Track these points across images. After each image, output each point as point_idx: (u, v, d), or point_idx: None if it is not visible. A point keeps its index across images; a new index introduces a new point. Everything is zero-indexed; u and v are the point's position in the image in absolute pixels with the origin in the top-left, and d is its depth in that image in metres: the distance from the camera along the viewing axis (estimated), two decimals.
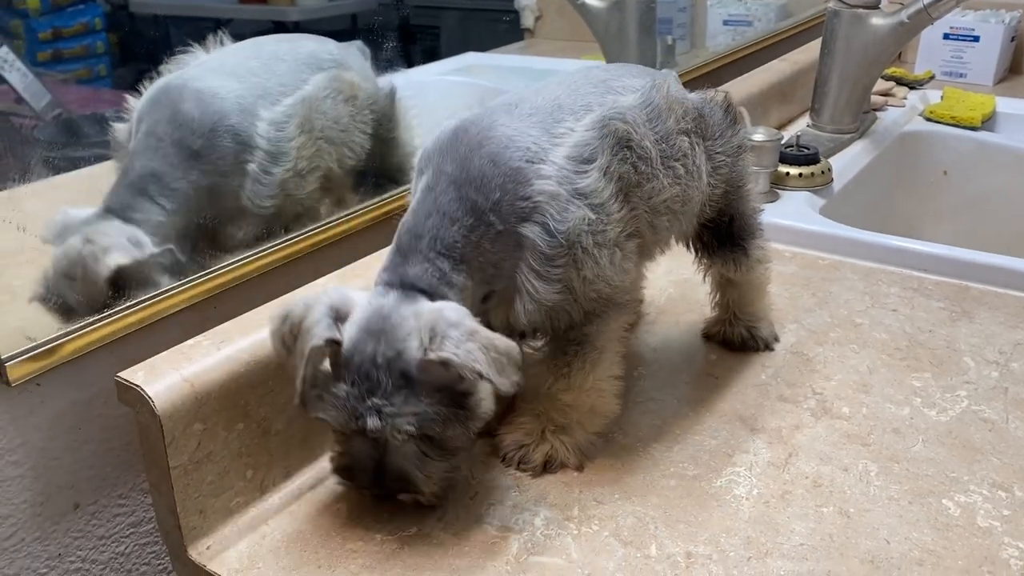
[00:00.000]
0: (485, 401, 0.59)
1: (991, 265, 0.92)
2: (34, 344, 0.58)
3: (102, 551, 0.65)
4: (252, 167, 0.69)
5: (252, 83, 0.70)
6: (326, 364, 0.57)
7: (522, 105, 0.63)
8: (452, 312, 0.56)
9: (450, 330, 0.55)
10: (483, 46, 1.33)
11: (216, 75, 0.70)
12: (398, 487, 0.60)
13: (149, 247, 0.64)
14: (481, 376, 0.54)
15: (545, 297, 0.61)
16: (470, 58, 1.27)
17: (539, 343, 0.67)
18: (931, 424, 0.71)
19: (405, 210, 0.62)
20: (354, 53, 0.81)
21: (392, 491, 0.61)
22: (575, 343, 0.65)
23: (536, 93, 0.65)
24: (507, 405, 0.71)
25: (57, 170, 0.63)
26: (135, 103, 0.68)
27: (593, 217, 0.60)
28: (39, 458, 0.60)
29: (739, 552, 0.59)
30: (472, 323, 0.56)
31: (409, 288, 0.57)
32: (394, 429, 0.55)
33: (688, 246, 0.79)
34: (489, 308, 0.63)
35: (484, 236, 0.59)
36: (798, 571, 0.57)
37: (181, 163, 0.66)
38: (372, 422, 0.55)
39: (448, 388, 0.57)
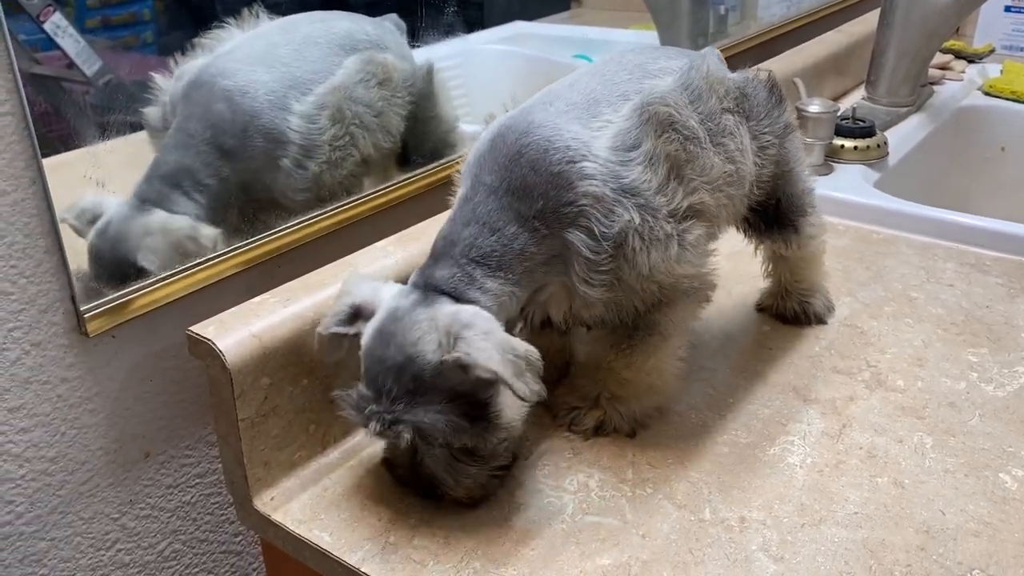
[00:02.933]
0: (507, 411, 0.57)
1: None
2: (111, 297, 0.60)
3: (169, 499, 0.67)
4: (285, 162, 0.69)
5: (282, 73, 0.69)
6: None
7: (557, 102, 0.61)
8: (467, 314, 0.55)
9: (464, 330, 0.53)
10: (530, 16, 1.32)
11: (246, 67, 0.69)
12: (430, 487, 0.60)
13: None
14: (496, 376, 0.53)
15: (596, 297, 0.60)
16: (518, 27, 1.27)
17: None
18: (988, 399, 0.71)
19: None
20: (390, 30, 0.79)
21: (426, 489, 0.61)
22: (642, 329, 0.64)
23: (570, 87, 0.63)
24: (564, 369, 0.72)
25: (108, 135, 0.64)
26: (165, 84, 0.67)
27: (639, 220, 0.58)
28: (113, 407, 0.63)
29: (792, 519, 0.59)
30: (489, 324, 0.55)
31: (432, 290, 0.56)
32: (395, 436, 0.55)
33: (737, 227, 0.77)
34: (543, 300, 0.62)
35: (529, 242, 0.57)
36: (852, 539, 0.57)
37: (214, 161, 0.66)
38: (372, 427, 0.54)
39: (467, 395, 0.55)
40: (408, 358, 0.54)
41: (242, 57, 0.69)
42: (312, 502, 0.63)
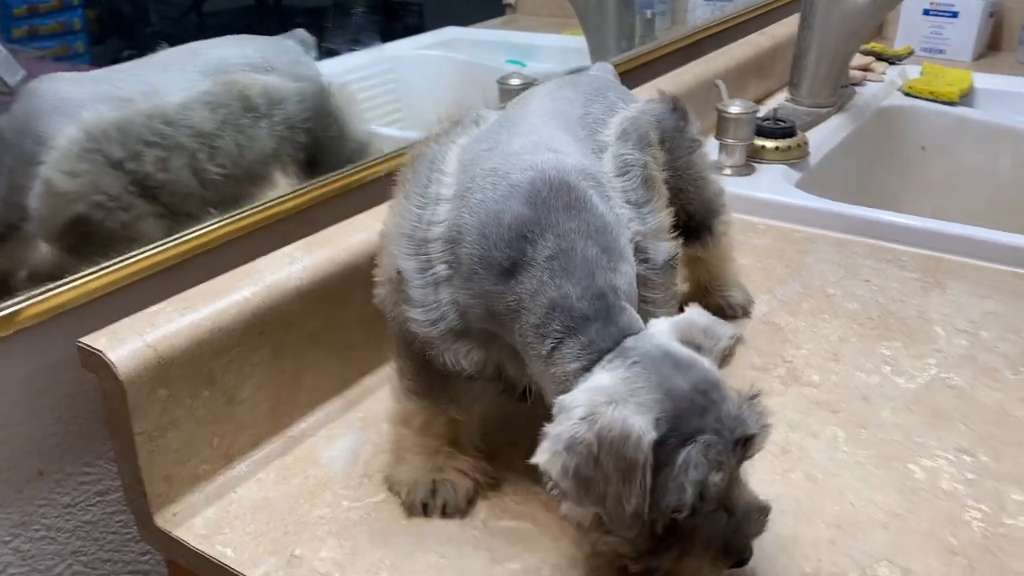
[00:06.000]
0: None
1: (963, 236, 0.92)
2: None
3: (67, 519, 0.64)
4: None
5: (101, 90, 0.65)
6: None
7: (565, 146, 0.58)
8: None
9: None
10: (465, 21, 1.31)
11: (68, 84, 0.65)
12: None
13: None
14: None
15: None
16: (450, 32, 1.26)
17: None
18: (900, 392, 0.72)
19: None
20: (286, 49, 0.76)
21: None
22: None
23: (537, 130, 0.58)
24: None
25: None
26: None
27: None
28: (3, 424, 0.60)
29: None
30: None
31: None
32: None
33: None
34: None
35: (631, 271, 0.55)
36: (763, 535, 0.57)
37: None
38: None
39: None
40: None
41: (81, 77, 0.67)
42: (217, 517, 0.61)
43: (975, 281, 0.88)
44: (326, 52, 0.85)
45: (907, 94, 1.45)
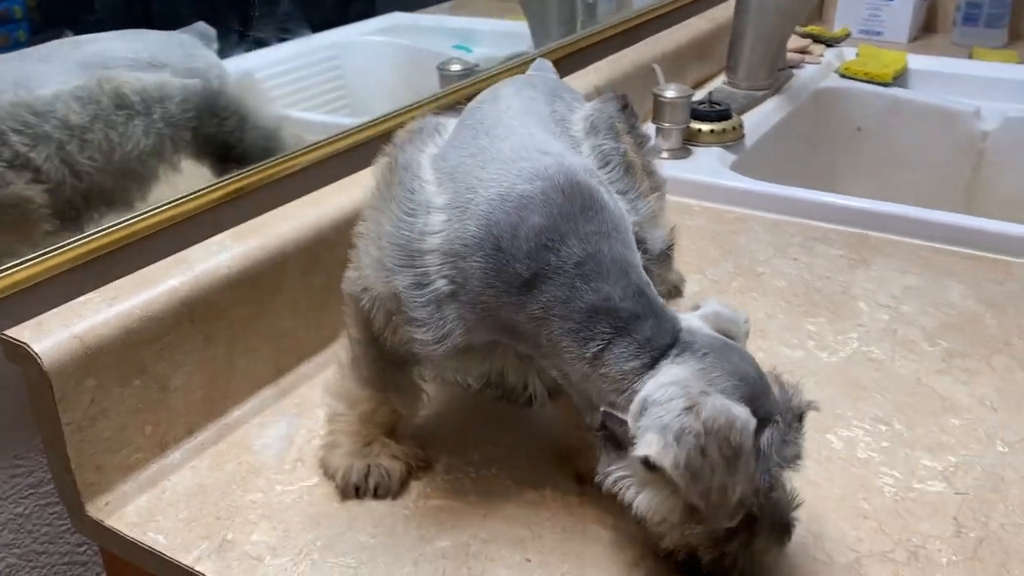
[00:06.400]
0: None
1: (889, 214, 0.95)
2: None
3: None
4: None
5: None
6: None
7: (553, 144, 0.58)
8: None
9: None
10: (413, 6, 1.31)
11: None
12: None
13: None
14: None
15: None
16: (396, 18, 1.26)
17: None
18: (822, 365, 0.74)
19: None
20: (181, 43, 0.75)
21: None
22: None
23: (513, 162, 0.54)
24: None
25: None
26: None
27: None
28: None
29: None
30: None
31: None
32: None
33: None
34: None
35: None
36: None
37: None
38: None
39: None
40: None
41: None
42: (149, 505, 0.61)
43: (899, 257, 0.91)
44: (255, 42, 0.85)
45: (843, 76, 1.48)
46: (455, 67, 1.11)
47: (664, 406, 0.46)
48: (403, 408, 0.63)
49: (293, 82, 0.97)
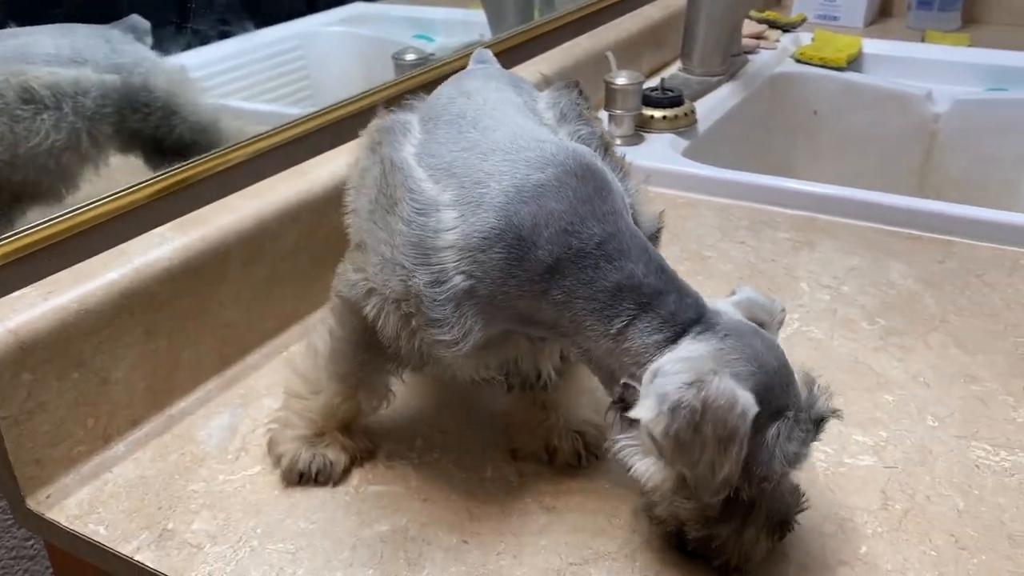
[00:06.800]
0: None
1: (834, 196, 0.97)
2: None
3: None
4: None
5: None
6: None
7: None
8: None
9: None
10: None
11: None
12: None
13: None
14: None
15: None
16: (357, 7, 1.26)
17: None
18: None
19: None
20: (108, 38, 0.74)
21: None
22: None
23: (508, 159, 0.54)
24: None
25: None
26: None
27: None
28: None
29: (562, 474, 0.62)
30: None
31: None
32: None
33: None
34: None
35: None
36: (610, 491, 0.60)
37: None
38: None
39: None
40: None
41: None
42: (91, 497, 0.61)
43: (844, 239, 0.92)
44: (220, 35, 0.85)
45: (798, 61, 1.49)
46: (410, 56, 1.11)
47: (670, 377, 0.47)
48: (368, 407, 0.63)
49: (256, 73, 0.97)
